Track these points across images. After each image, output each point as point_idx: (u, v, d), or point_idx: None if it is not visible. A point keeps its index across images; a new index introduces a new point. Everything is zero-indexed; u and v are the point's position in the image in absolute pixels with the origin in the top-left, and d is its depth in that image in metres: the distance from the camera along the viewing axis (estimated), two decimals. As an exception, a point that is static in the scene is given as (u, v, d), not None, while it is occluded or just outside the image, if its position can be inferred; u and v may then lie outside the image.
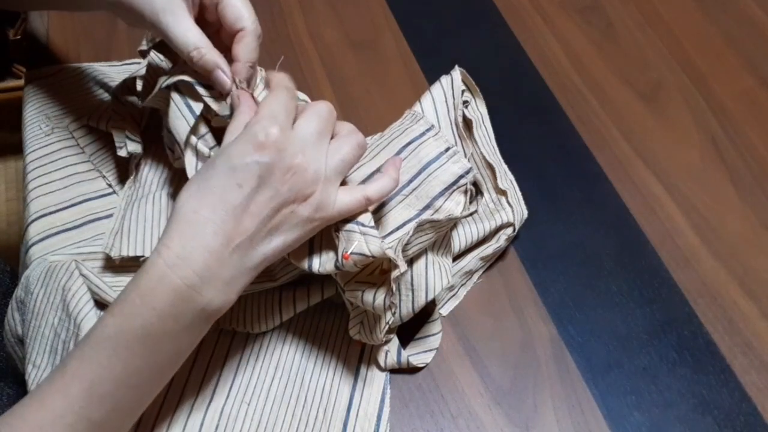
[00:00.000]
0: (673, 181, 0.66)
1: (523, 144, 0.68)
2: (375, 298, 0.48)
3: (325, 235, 0.49)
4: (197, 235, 0.42)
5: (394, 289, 0.47)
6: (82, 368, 0.42)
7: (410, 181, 0.51)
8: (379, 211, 0.51)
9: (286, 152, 0.44)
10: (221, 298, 0.44)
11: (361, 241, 0.46)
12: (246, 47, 0.50)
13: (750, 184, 0.67)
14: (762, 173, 0.67)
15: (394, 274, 0.46)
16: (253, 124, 0.45)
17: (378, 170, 0.52)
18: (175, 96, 0.51)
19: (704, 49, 0.77)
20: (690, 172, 0.67)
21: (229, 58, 0.50)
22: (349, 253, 0.46)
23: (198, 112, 0.51)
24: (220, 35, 0.52)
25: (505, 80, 0.74)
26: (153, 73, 0.57)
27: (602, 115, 0.71)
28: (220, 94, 0.51)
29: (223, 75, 0.49)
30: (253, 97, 0.50)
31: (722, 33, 0.78)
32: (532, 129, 0.70)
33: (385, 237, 0.50)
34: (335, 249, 0.48)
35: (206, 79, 0.51)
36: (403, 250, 0.49)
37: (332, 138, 0.48)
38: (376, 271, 0.49)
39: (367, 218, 0.47)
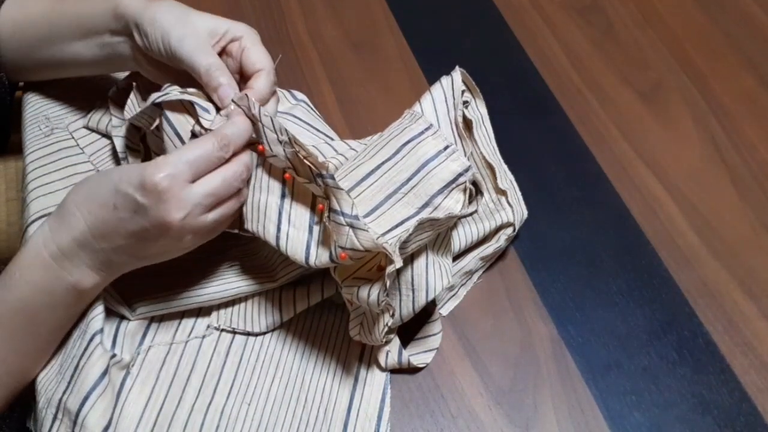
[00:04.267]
0: (673, 181, 0.66)
1: (523, 144, 0.68)
2: (369, 294, 0.48)
3: (321, 229, 0.49)
4: (71, 226, 0.47)
5: (388, 284, 0.47)
6: None
7: (409, 179, 0.51)
8: (377, 209, 0.51)
9: (166, 205, 0.45)
10: (89, 280, 0.48)
11: (350, 236, 0.46)
12: (260, 81, 0.52)
13: (750, 184, 0.67)
14: (762, 173, 0.67)
15: (390, 269, 0.46)
16: (154, 164, 0.45)
17: (373, 171, 0.52)
18: (165, 123, 0.51)
19: (704, 49, 0.77)
20: (690, 172, 0.67)
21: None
22: (340, 248, 0.46)
23: (186, 139, 0.51)
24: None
25: (505, 80, 0.74)
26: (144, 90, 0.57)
27: (602, 115, 0.71)
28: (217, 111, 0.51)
29: (229, 89, 0.51)
30: (251, 117, 0.50)
31: (722, 33, 0.78)
32: (532, 129, 0.70)
33: (384, 234, 0.50)
34: (329, 242, 0.48)
35: (208, 96, 0.51)
36: (401, 247, 0.49)
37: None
38: (374, 268, 0.49)
39: (348, 206, 0.46)
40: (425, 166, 0.51)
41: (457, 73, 0.59)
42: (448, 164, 0.51)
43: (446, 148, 0.52)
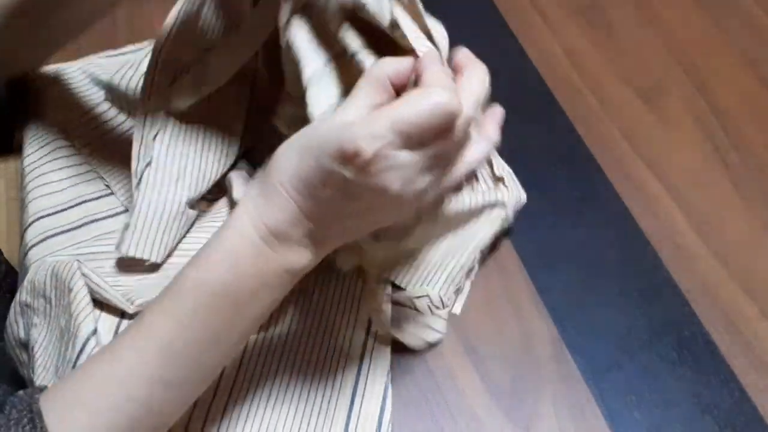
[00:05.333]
0: (673, 181, 0.66)
1: (523, 144, 0.68)
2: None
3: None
4: (281, 206, 0.40)
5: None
6: (160, 324, 0.41)
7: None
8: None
9: (377, 176, 0.37)
10: (302, 261, 0.42)
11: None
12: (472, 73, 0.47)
13: (750, 184, 0.66)
14: (762, 173, 0.67)
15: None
16: (350, 128, 0.37)
17: None
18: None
19: (704, 49, 0.76)
20: (690, 172, 0.67)
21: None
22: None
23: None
24: None
25: (504, 80, 0.73)
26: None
27: (602, 115, 0.71)
28: None
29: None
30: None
31: (722, 33, 0.78)
32: (532, 129, 0.70)
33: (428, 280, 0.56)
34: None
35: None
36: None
37: None
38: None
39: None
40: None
41: None
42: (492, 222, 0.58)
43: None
